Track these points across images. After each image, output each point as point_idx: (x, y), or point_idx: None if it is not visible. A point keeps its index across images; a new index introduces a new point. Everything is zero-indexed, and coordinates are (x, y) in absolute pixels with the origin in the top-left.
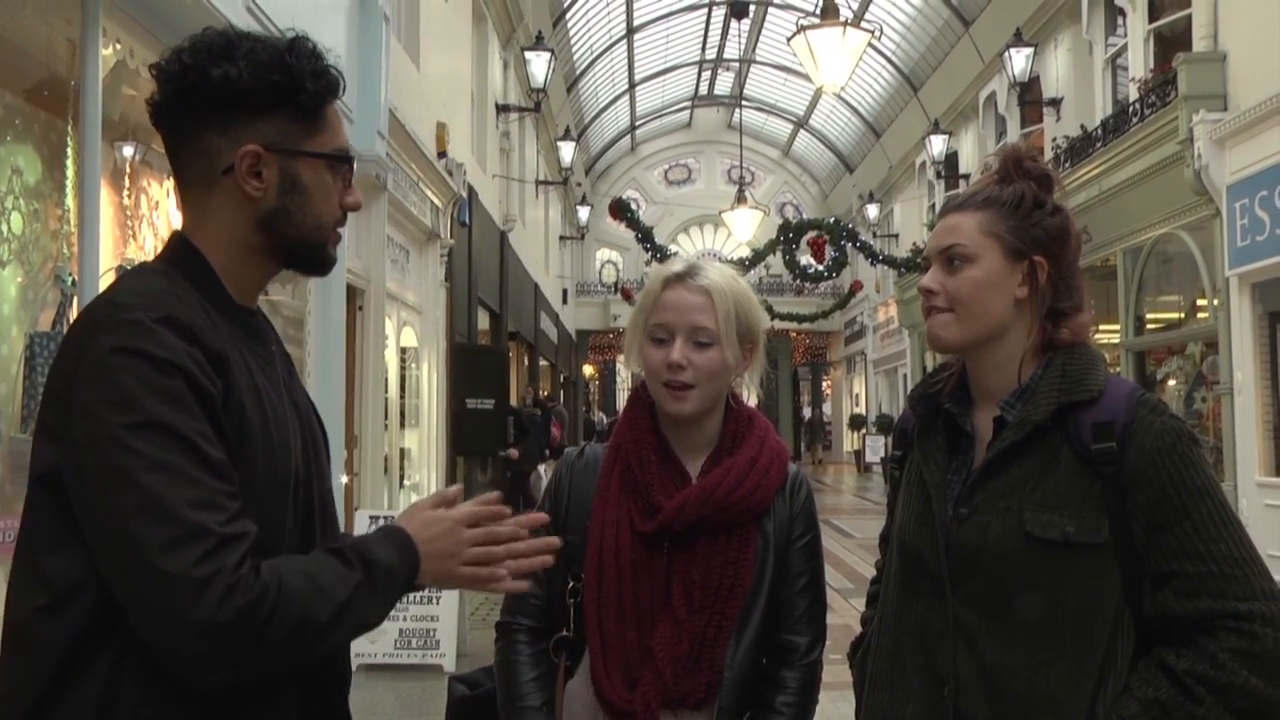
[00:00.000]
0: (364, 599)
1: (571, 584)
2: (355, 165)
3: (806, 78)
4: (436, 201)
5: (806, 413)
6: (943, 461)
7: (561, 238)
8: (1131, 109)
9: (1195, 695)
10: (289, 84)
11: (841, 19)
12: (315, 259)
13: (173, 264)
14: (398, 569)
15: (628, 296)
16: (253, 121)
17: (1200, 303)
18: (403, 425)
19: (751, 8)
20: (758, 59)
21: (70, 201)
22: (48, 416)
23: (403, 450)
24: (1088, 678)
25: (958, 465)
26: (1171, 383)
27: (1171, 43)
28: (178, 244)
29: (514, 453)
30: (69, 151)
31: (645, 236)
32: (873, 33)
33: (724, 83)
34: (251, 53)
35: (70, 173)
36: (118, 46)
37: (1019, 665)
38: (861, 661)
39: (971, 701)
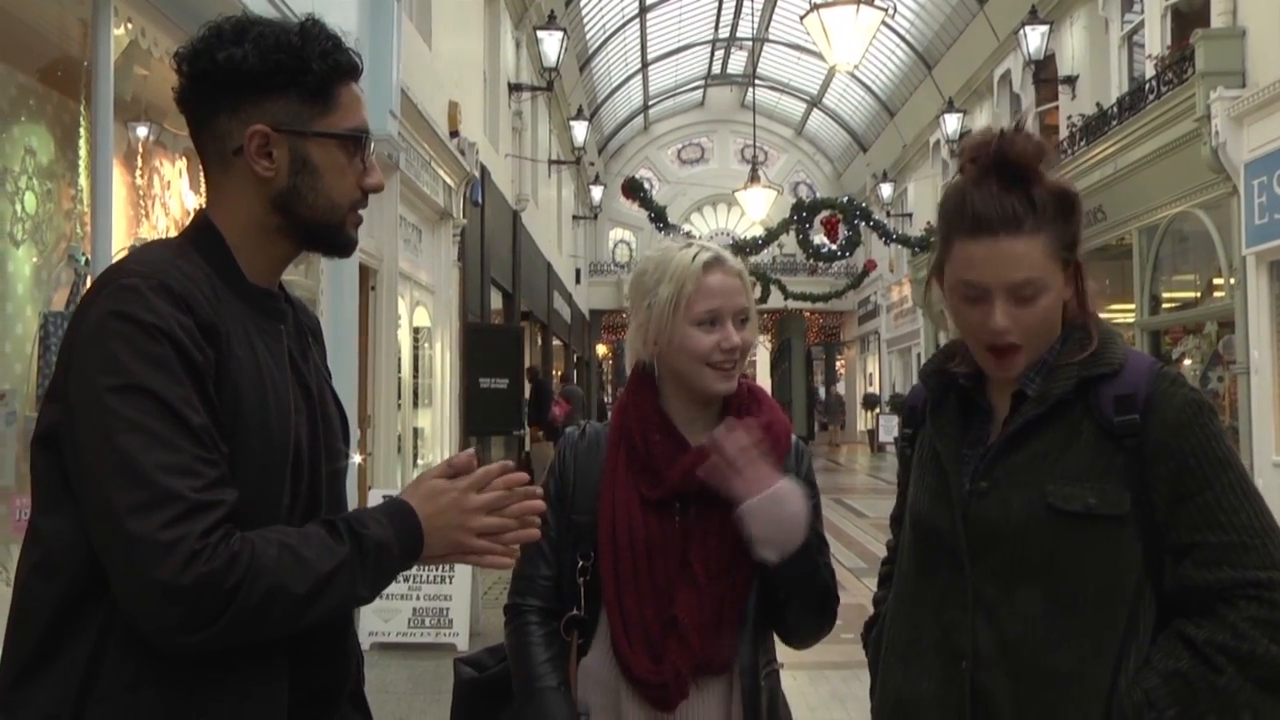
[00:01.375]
0: (351, 573)
1: (581, 563)
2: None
3: (820, 56)
4: (449, 181)
5: (821, 392)
6: (957, 435)
7: (574, 217)
8: (1148, 86)
9: (1216, 665)
10: (295, 65)
11: None
12: (333, 239)
13: (189, 239)
14: (392, 543)
15: None
16: (261, 102)
17: (1216, 282)
18: (416, 405)
19: None
20: (771, 38)
21: (83, 181)
22: (55, 379)
23: (416, 430)
24: (1109, 651)
25: (972, 440)
26: (1187, 362)
27: (1189, 19)
28: (198, 221)
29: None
30: (81, 131)
31: (658, 216)
32: (886, 10)
33: (737, 62)
34: (260, 36)
35: (83, 153)
36: (129, 26)
37: (1040, 639)
38: (875, 641)
39: (991, 675)
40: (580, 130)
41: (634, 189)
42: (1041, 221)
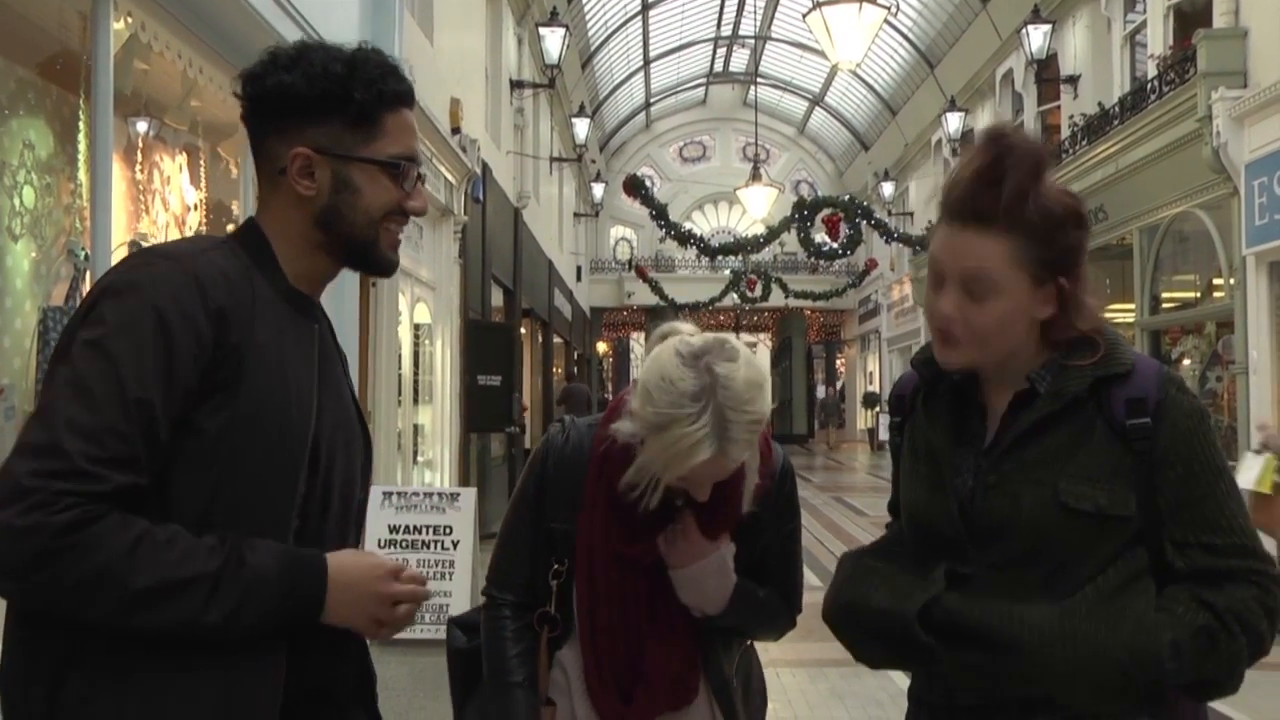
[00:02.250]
0: (206, 589)
1: (555, 566)
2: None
3: (822, 54)
4: (450, 178)
5: (820, 391)
6: (949, 425)
7: (576, 215)
8: (1150, 86)
9: (1231, 630)
10: (340, 93)
11: None
12: (370, 257)
13: (235, 237)
14: (272, 579)
15: (642, 274)
16: (306, 127)
17: (1216, 282)
18: (416, 401)
19: None
20: (773, 35)
21: (82, 176)
22: (63, 334)
23: (416, 426)
24: None
25: (970, 435)
26: (1186, 362)
27: (1191, 19)
28: (248, 224)
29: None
30: (81, 126)
31: (660, 214)
32: (889, 9)
33: (739, 59)
34: (309, 64)
35: (82, 147)
36: (129, 20)
37: None
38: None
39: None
40: (582, 127)
41: (635, 187)
42: (1014, 227)
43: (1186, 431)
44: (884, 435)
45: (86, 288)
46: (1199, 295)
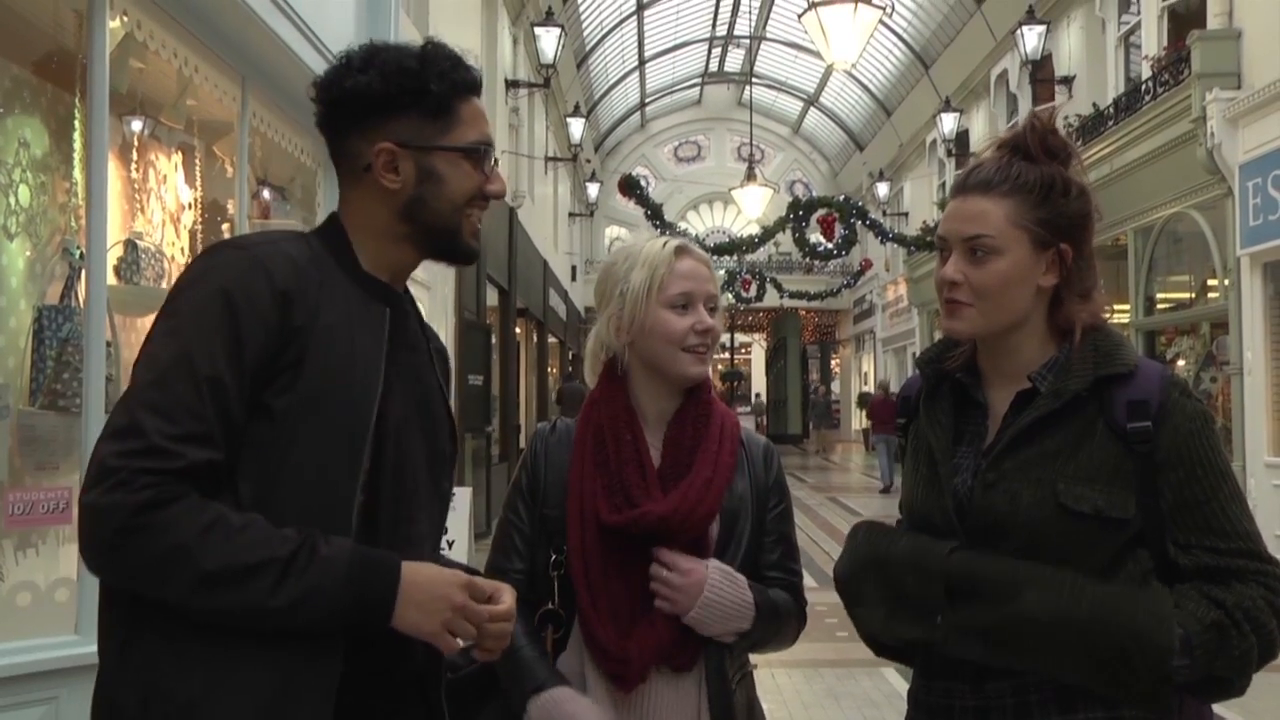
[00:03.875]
0: (276, 574)
1: (555, 557)
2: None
3: (817, 55)
4: None
5: (816, 391)
6: (948, 425)
7: (570, 214)
8: (1144, 87)
9: (1241, 628)
10: (416, 86)
11: None
12: (455, 245)
13: (316, 231)
14: (340, 578)
15: None
16: (386, 123)
17: (1211, 282)
18: None
19: None
20: (768, 36)
21: (78, 174)
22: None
23: None
24: None
25: (971, 434)
26: (1181, 363)
27: (1185, 20)
28: (330, 218)
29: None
30: (76, 124)
31: (655, 214)
32: (884, 9)
33: (734, 59)
34: (383, 63)
35: (78, 146)
36: (125, 18)
37: None
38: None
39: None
40: (577, 127)
41: (630, 186)
42: (1015, 190)
43: (1188, 435)
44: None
45: (82, 287)
46: (1194, 296)
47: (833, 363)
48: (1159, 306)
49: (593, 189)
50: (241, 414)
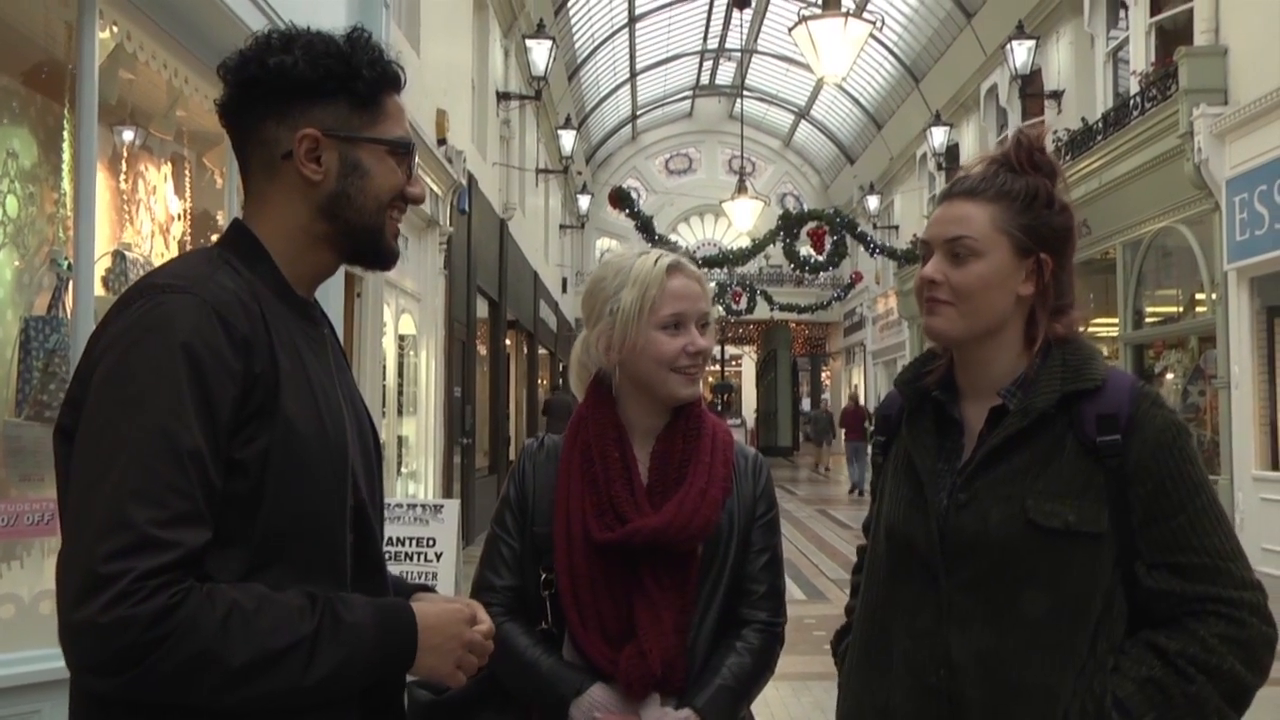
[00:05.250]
0: (306, 654)
1: (544, 575)
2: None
3: (808, 68)
4: (436, 189)
5: (805, 404)
6: (933, 446)
7: (561, 226)
8: (1132, 102)
9: (1187, 675)
10: (345, 71)
11: (843, 10)
12: (376, 247)
13: (227, 248)
14: (370, 641)
15: None
16: (310, 109)
17: (1199, 297)
18: (400, 413)
19: None
20: (759, 49)
21: (66, 185)
22: (79, 370)
23: (400, 438)
24: (1077, 662)
25: (948, 452)
26: (1169, 376)
27: (1173, 36)
28: (235, 230)
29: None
30: (65, 135)
31: (645, 226)
32: (874, 24)
33: (725, 73)
34: (309, 44)
35: (66, 156)
36: (115, 29)
37: (1013, 651)
38: (844, 653)
39: (963, 686)
40: (568, 139)
41: (621, 199)
42: (1000, 196)
43: (1157, 446)
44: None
45: (69, 298)
46: (1181, 310)
47: (823, 375)
48: (1147, 320)
49: (584, 201)
50: (220, 480)
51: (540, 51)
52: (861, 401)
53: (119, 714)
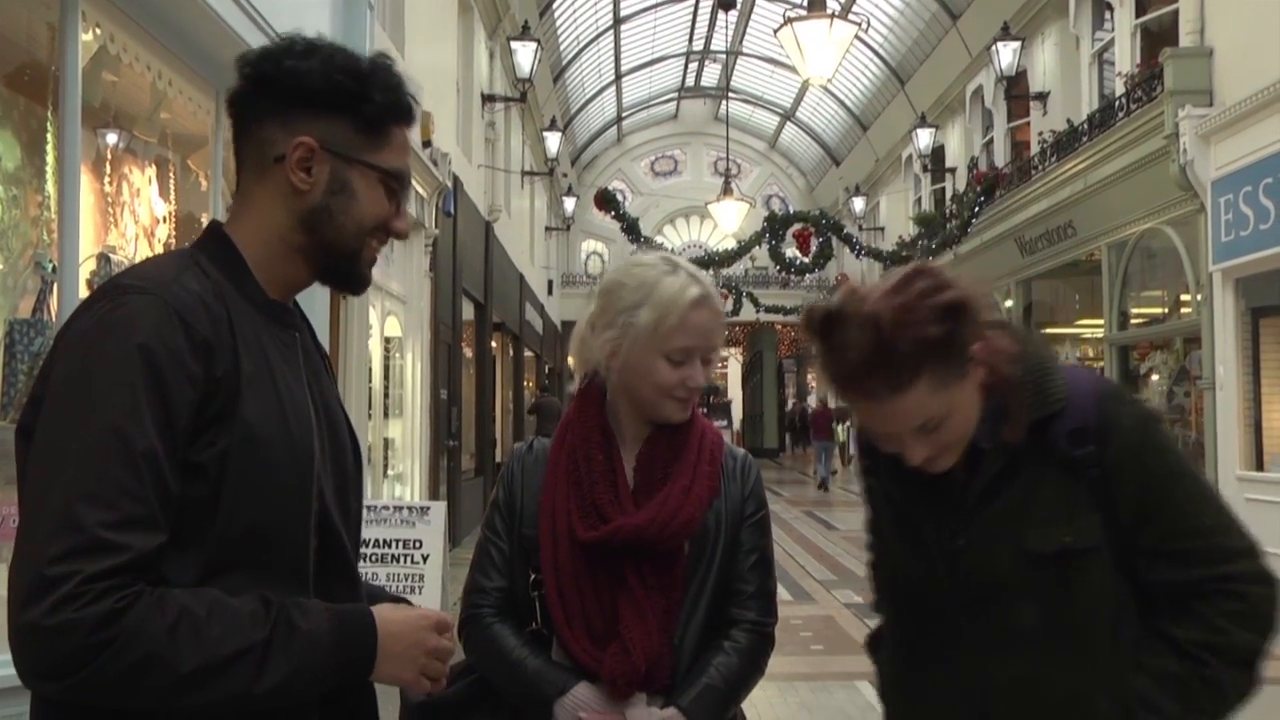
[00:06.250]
0: (256, 662)
1: (534, 577)
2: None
3: (793, 70)
4: (421, 191)
5: (790, 406)
6: (919, 483)
7: (547, 229)
8: (1118, 104)
9: (1202, 660)
10: (357, 90)
11: (829, 11)
12: (349, 271)
13: (202, 250)
14: (326, 648)
15: None
16: (314, 119)
17: (1184, 298)
18: (386, 415)
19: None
20: (745, 51)
21: (50, 188)
22: (42, 370)
23: (386, 440)
24: (1105, 666)
25: (937, 494)
26: (1154, 377)
27: (1158, 38)
28: (211, 232)
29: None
30: (49, 137)
31: (631, 228)
32: (860, 25)
33: (711, 75)
34: (329, 56)
35: (50, 159)
36: (98, 32)
37: (1048, 673)
38: (881, 662)
39: (1005, 707)
40: (553, 141)
41: (607, 201)
42: (919, 373)
43: (1130, 445)
44: (853, 450)
45: (54, 300)
46: (1167, 311)
47: (809, 377)
48: (1133, 321)
49: (569, 203)
50: (177, 483)
51: (525, 53)
52: (830, 404)
53: (74, 717)
